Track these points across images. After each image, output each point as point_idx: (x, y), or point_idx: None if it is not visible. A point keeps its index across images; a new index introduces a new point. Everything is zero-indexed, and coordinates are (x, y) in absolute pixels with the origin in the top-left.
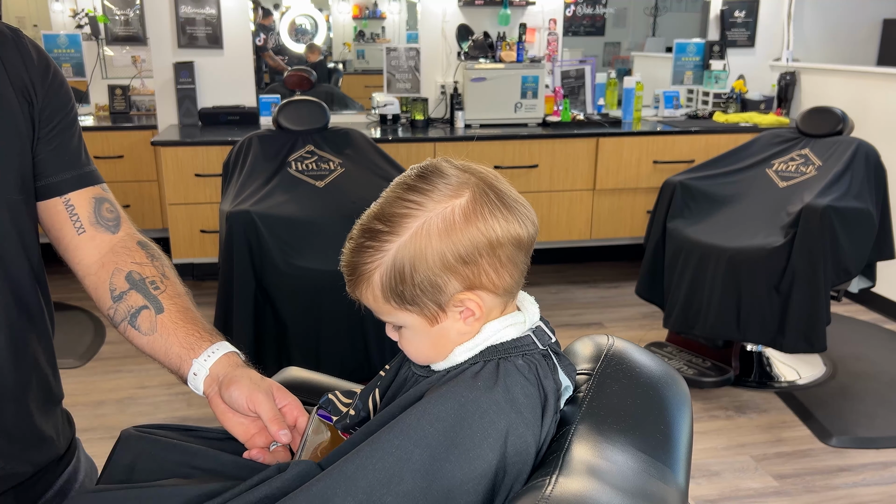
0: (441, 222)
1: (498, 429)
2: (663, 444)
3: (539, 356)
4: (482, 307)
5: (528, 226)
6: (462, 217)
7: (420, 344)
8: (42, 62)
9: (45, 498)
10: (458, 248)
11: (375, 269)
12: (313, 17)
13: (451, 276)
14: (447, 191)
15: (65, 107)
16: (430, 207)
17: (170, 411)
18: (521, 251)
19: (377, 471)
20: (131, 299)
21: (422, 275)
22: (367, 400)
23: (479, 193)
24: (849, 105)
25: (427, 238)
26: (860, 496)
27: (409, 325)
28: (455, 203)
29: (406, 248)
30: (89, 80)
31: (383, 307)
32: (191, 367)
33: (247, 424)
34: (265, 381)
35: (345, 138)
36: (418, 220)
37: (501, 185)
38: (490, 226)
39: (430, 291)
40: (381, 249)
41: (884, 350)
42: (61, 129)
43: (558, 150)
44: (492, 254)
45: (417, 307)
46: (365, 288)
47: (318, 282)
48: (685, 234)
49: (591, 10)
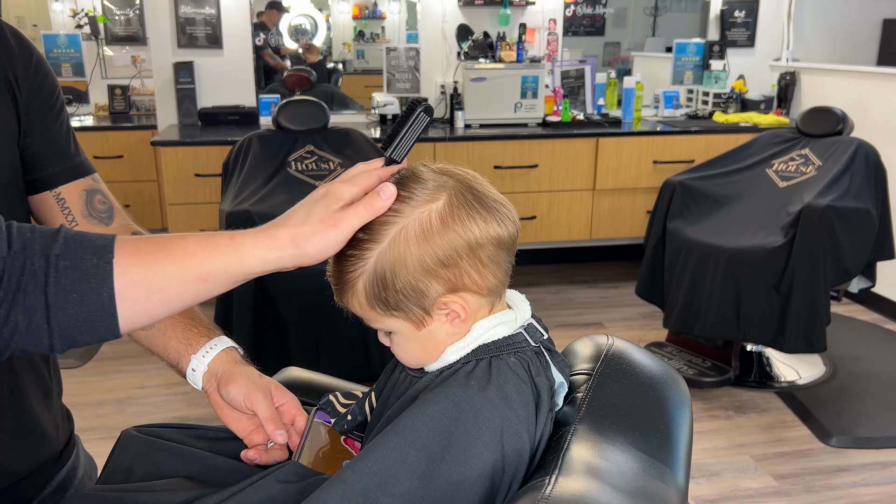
0: (418, 227)
1: (492, 427)
2: (663, 444)
3: (531, 353)
4: (467, 308)
5: (509, 225)
6: (439, 221)
7: (410, 348)
8: (24, 53)
9: (43, 494)
10: (437, 252)
11: (359, 278)
12: (313, 17)
13: (432, 280)
14: (424, 195)
15: (50, 97)
16: (406, 213)
17: (169, 411)
18: (503, 251)
19: (373, 473)
20: None
21: (403, 281)
22: (364, 404)
23: (456, 195)
24: (849, 105)
25: (405, 244)
26: (860, 496)
27: (397, 331)
28: (431, 207)
29: (386, 255)
30: (89, 80)
31: (370, 314)
32: (189, 363)
33: (245, 421)
34: (263, 379)
35: (345, 138)
36: (396, 226)
37: (480, 186)
38: (468, 227)
39: (413, 296)
40: (363, 258)
41: (884, 350)
42: (49, 121)
43: (558, 150)
44: (472, 255)
45: (403, 312)
46: (351, 296)
47: (318, 282)
48: (685, 234)
49: (591, 10)
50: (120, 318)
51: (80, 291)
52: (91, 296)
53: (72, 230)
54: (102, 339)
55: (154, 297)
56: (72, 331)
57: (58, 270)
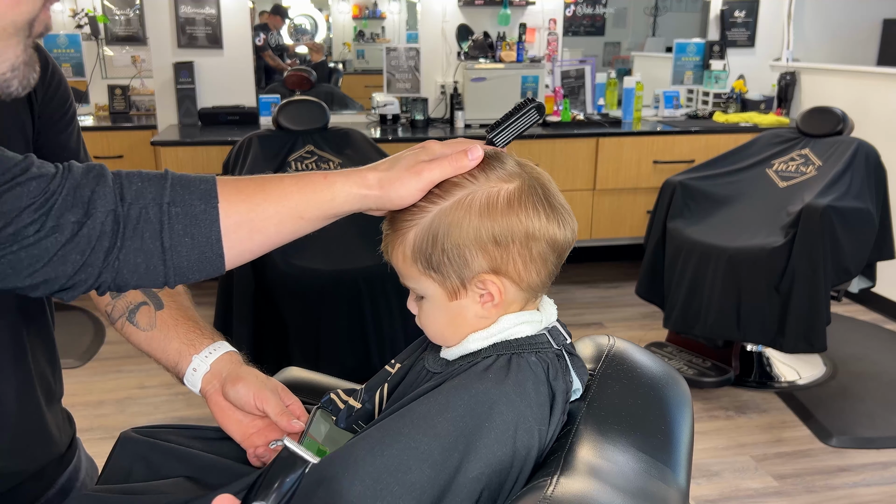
0: (485, 199)
1: (506, 420)
2: (664, 445)
3: (552, 355)
4: (502, 294)
5: (567, 231)
6: (506, 201)
7: (437, 318)
8: (41, 60)
9: (46, 496)
10: (494, 229)
11: (412, 228)
12: (313, 17)
13: (479, 252)
14: (501, 174)
15: (63, 104)
16: (480, 183)
17: (169, 411)
18: (554, 252)
19: (385, 457)
20: (130, 295)
21: (452, 243)
22: (374, 394)
23: (528, 186)
24: (849, 105)
25: (467, 209)
26: (860, 496)
27: (429, 296)
28: (503, 187)
29: (445, 214)
30: (89, 80)
31: (410, 270)
32: (190, 363)
33: (245, 424)
34: (271, 381)
35: (345, 138)
36: (465, 190)
37: (551, 187)
38: (530, 217)
39: (457, 262)
40: (425, 209)
41: (884, 350)
42: (61, 127)
43: (558, 150)
44: (524, 245)
45: (441, 276)
46: (398, 245)
47: (318, 282)
48: (685, 234)
49: (591, 10)
50: (226, 256)
51: (192, 235)
52: (201, 239)
53: (176, 174)
54: (209, 276)
55: (256, 235)
56: (185, 270)
57: (171, 217)
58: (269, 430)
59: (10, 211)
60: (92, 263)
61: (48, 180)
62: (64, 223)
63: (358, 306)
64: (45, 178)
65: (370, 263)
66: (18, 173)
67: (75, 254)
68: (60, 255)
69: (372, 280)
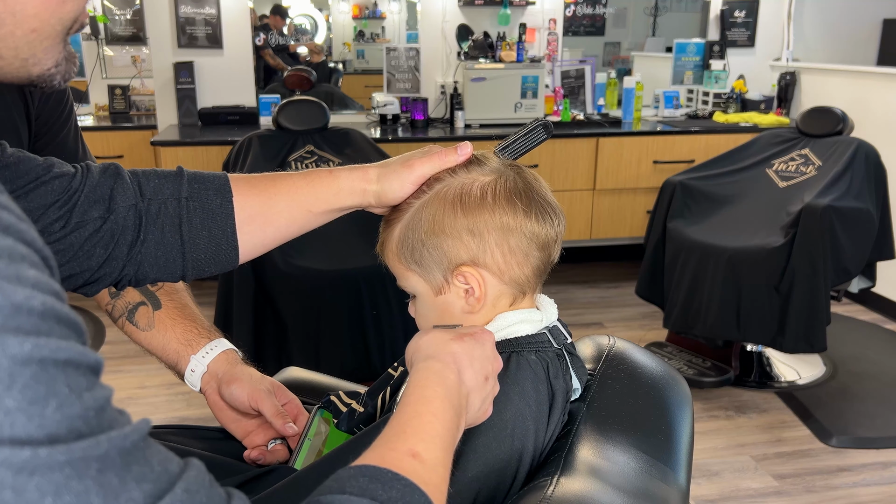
0: (459, 189)
1: (504, 419)
2: (664, 445)
3: (552, 355)
4: (482, 287)
5: (547, 226)
6: (479, 192)
7: (428, 316)
8: None
9: None
10: (467, 218)
11: (398, 223)
12: (313, 17)
13: (455, 242)
14: (480, 170)
15: (60, 103)
16: (458, 177)
17: (169, 411)
18: (536, 247)
19: None
20: (129, 295)
21: (429, 233)
22: (377, 398)
23: (507, 181)
24: (849, 105)
25: (442, 200)
26: (860, 496)
27: (418, 293)
28: (479, 179)
29: (424, 207)
30: (89, 80)
31: (397, 266)
32: (188, 364)
33: (244, 422)
34: (266, 380)
35: (345, 138)
36: (442, 183)
37: (536, 185)
38: (504, 210)
39: (436, 254)
40: (411, 205)
41: (884, 350)
42: (58, 127)
43: (558, 150)
44: (502, 237)
45: (423, 270)
46: (388, 241)
47: (318, 282)
48: (685, 234)
49: (591, 9)
50: (240, 249)
51: (209, 228)
52: (217, 232)
53: (191, 171)
54: (224, 269)
55: (268, 228)
56: (202, 262)
57: (189, 211)
58: (267, 429)
59: (38, 208)
60: (116, 257)
61: (69, 179)
62: (88, 219)
63: (358, 306)
64: (67, 177)
65: (370, 263)
66: (42, 172)
67: (100, 248)
68: (86, 250)
69: (372, 280)
